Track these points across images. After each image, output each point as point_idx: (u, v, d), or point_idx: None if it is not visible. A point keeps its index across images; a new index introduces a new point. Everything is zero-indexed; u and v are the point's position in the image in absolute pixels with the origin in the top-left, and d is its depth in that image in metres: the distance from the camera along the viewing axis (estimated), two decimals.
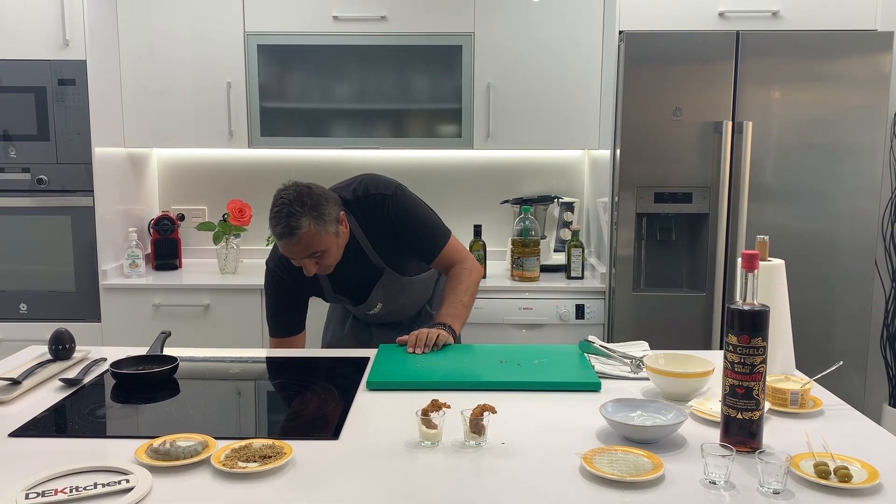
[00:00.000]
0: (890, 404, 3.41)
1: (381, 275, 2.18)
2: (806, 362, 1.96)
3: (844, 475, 1.23)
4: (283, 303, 2.18)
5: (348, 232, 2.06)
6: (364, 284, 2.19)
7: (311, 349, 2.19)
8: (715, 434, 1.43)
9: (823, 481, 1.23)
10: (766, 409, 1.41)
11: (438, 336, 1.98)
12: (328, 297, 2.23)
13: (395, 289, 2.22)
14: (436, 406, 1.42)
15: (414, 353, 1.95)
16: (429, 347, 1.96)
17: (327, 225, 1.94)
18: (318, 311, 2.41)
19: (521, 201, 3.40)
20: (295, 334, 2.20)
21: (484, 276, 3.29)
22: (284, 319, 2.19)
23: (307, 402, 1.66)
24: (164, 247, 3.48)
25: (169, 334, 2.01)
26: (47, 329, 2.06)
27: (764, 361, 1.35)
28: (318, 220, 1.92)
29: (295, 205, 1.90)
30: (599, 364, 1.87)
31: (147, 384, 1.76)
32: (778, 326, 1.73)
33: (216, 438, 1.39)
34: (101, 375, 1.82)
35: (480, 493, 1.23)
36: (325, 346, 2.41)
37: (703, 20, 3.01)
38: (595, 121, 3.35)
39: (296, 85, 3.42)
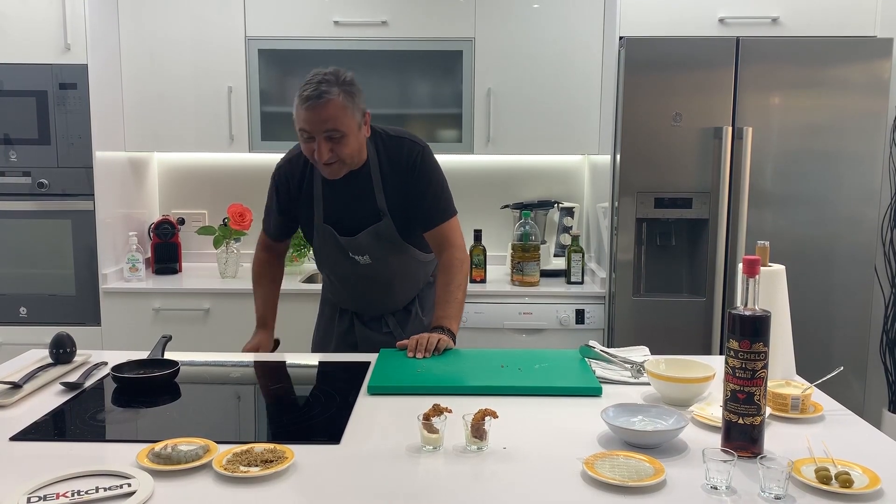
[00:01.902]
0: (890, 410, 3.41)
1: (379, 221, 2.12)
2: (806, 368, 1.96)
3: (846, 480, 1.23)
4: (277, 203, 2.21)
5: (367, 136, 2.06)
6: (358, 224, 2.13)
7: (312, 354, 2.19)
8: (716, 439, 1.43)
9: (825, 486, 1.24)
10: (767, 415, 1.41)
11: (439, 341, 1.98)
12: (317, 221, 2.15)
13: (387, 245, 2.15)
14: (437, 411, 1.42)
15: (415, 357, 1.95)
16: (430, 352, 1.96)
17: (355, 106, 1.96)
18: (311, 315, 2.41)
19: (521, 206, 3.40)
20: (276, 239, 2.29)
21: (484, 281, 3.30)
22: (273, 219, 2.24)
23: (309, 407, 1.66)
24: (165, 251, 3.48)
25: (169, 338, 2.01)
26: (48, 333, 2.06)
27: (765, 367, 1.35)
28: (349, 97, 1.95)
29: (329, 75, 1.95)
30: (600, 369, 1.87)
31: (148, 388, 1.76)
32: (779, 332, 1.73)
33: (218, 442, 1.39)
34: (102, 379, 1.82)
35: (482, 497, 1.23)
36: (314, 343, 2.38)
37: (704, 26, 3.02)
38: (595, 126, 3.36)
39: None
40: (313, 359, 2.08)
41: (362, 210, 2.12)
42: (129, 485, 1.23)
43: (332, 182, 2.09)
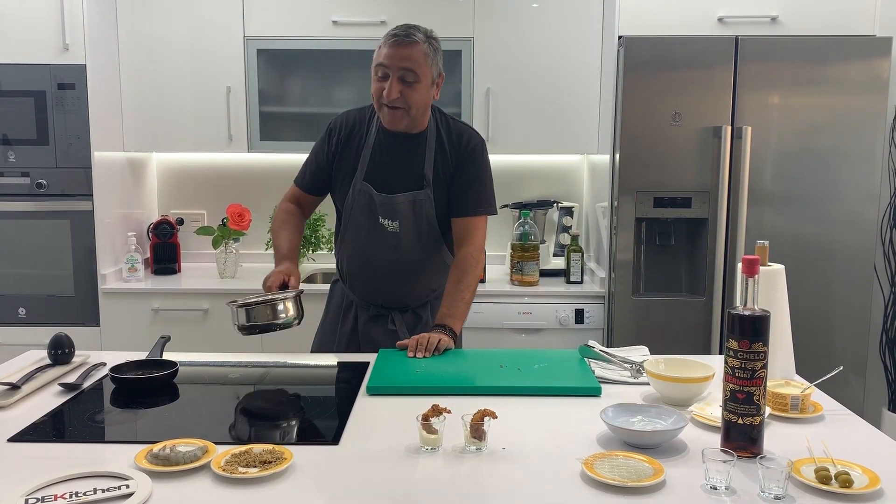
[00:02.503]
0: (889, 409, 3.41)
1: (420, 189, 2.13)
2: (806, 367, 1.96)
3: (845, 480, 1.23)
4: (318, 157, 2.22)
5: (436, 98, 2.11)
6: (398, 187, 2.13)
7: (311, 354, 2.19)
8: (715, 439, 1.43)
9: (824, 486, 1.23)
10: (766, 414, 1.41)
11: (440, 341, 1.98)
12: (356, 178, 2.15)
13: (419, 217, 2.14)
14: (436, 411, 1.42)
15: (415, 357, 1.95)
16: (429, 352, 1.96)
17: (435, 59, 2.04)
18: (311, 315, 2.40)
19: (520, 206, 3.40)
20: (309, 193, 2.26)
21: (483, 281, 3.30)
22: (310, 172, 2.24)
23: (307, 407, 1.65)
24: (164, 251, 3.48)
25: (168, 339, 2.01)
26: (46, 333, 2.05)
27: (764, 366, 1.35)
28: (432, 48, 2.03)
29: (422, 28, 2.05)
30: (599, 369, 1.87)
31: (147, 389, 1.76)
32: (778, 331, 1.72)
33: (216, 443, 1.39)
34: (101, 380, 1.82)
35: (481, 498, 1.23)
36: (315, 345, 2.34)
37: (703, 25, 3.02)
38: (594, 125, 3.35)
39: (295, 89, 3.43)
40: (312, 359, 2.08)
41: (407, 174, 2.13)
42: (128, 486, 1.23)
43: (384, 141, 2.11)
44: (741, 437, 1.36)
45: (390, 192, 2.13)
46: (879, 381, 3.44)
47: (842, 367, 1.90)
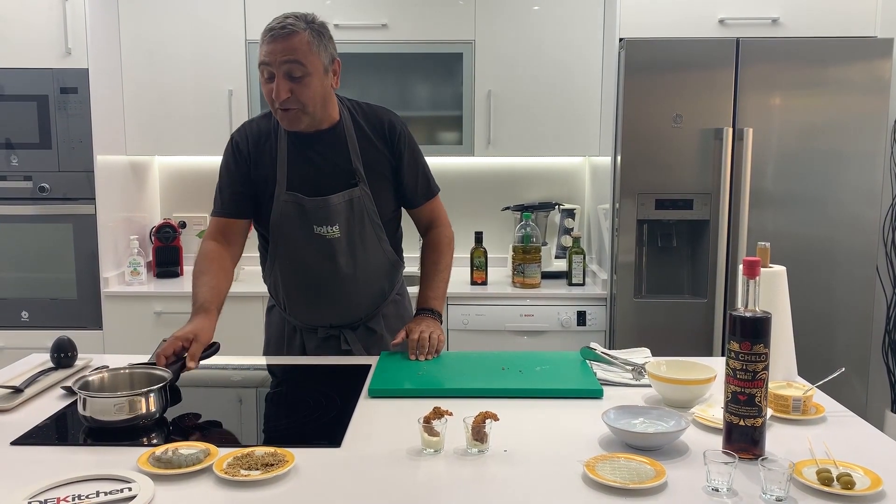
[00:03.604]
0: (892, 410, 3.41)
1: (353, 186, 1.93)
2: (808, 369, 1.96)
3: (847, 482, 1.23)
4: (232, 176, 1.97)
5: (336, 87, 1.91)
6: (328, 189, 1.93)
7: (312, 357, 2.19)
8: (717, 441, 1.43)
9: (826, 488, 1.23)
10: (768, 416, 1.41)
11: (439, 339, 1.96)
12: (278, 190, 1.93)
13: (360, 217, 1.96)
14: (438, 413, 1.42)
15: (416, 360, 1.95)
16: (432, 354, 1.95)
17: (322, 46, 1.82)
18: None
19: (521, 208, 3.40)
20: (233, 217, 1.98)
21: (485, 283, 3.30)
22: (227, 193, 1.98)
23: (309, 410, 1.65)
24: (166, 254, 3.49)
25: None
26: (49, 337, 2.06)
27: (766, 368, 1.35)
28: (316, 35, 1.82)
29: (299, 14, 1.83)
30: (601, 371, 1.87)
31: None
32: (780, 333, 1.72)
33: (218, 446, 1.39)
34: None
35: (483, 500, 1.23)
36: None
37: (704, 27, 3.02)
38: (596, 127, 3.36)
39: None
40: (313, 362, 2.08)
41: (335, 173, 1.93)
42: (130, 489, 1.23)
43: (299, 143, 1.92)
44: (743, 439, 1.36)
45: (322, 195, 1.93)
46: (882, 382, 3.43)
47: (844, 369, 1.90)
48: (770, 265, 1.75)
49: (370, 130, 1.97)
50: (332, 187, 1.93)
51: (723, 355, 2.93)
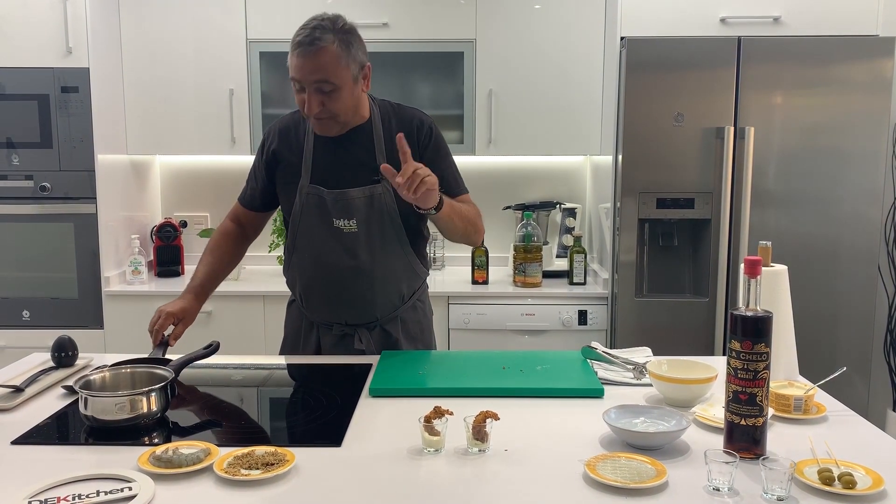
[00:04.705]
0: (894, 410, 3.40)
1: (376, 183, 1.93)
2: (809, 368, 1.96)
3: (849, 482, 1.23)
4: (255, 170, 2.11)
5: (366, 91, 1.93)
6: (350, 182, 1.94)
7: (313, 356, 2.19)
8: (718, 440, 1.43)
9: (828, 488, 1.23)
10: (769, 416, 1.41)
11: (432, 182, 1.73)
12: (302, 182, 1.97)
13: (379, 214, 1.95)
14: (438, 413, 1.42)
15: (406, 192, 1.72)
16: (420, 191, 1.70)
17: (351, 57, 1.82)
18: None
19: (523, 207, 3.40)
20: (246, 208, 2.15)
21: (486, 282, 3.30)
22: (250, 187, 2.14)
23: (310, 409, 1.65)
24: (167, 254, 3.49)
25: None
26: (50, 336, 2.06)
27: (767, 367, 1.35)
28: (344, 46, 1.81)
29: (327, 21, 1.82)
30: (602, 370, 1.87)
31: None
32: (781, 332, 1.72)
33: (219, 446, 1.39)
34: None
35: (483, 499, 1.23)
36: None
37: (705, 26, 3.02)
38: (597, 126, 3.35)
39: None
40: (314, 360, 2.08)
41: (358, 169, 1.95)
42: (130, 488, 1.23)
43: (325, 139, 1.95)
44: (744, 439, 1.36)
45: (342, 189, 1.95)
46: (883, 381, 3.43)
47: (845, 368, 1.89)
48: (771, 264, 1.75)
49: (404, 127, 1.95)
50: (353, 182, 1.95)
51: (724, 354, 2.92)
